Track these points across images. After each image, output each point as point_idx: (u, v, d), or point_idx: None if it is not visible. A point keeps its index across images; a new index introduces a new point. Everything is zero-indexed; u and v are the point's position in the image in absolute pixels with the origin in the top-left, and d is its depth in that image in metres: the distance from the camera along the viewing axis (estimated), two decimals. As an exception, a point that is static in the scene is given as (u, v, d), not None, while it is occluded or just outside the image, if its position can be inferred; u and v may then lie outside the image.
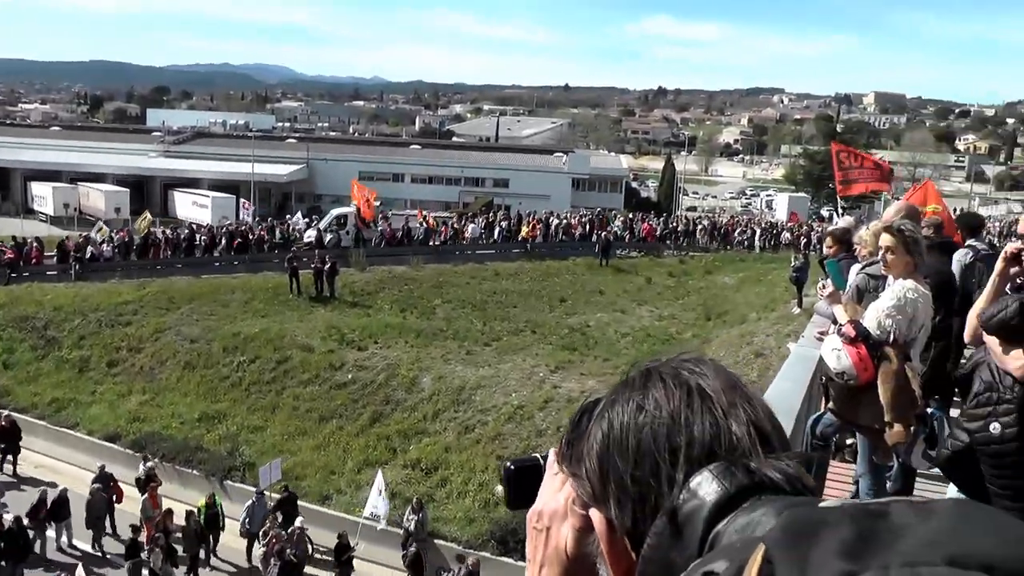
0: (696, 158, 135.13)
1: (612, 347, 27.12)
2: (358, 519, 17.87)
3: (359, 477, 20.14)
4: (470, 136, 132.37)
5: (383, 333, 26.99)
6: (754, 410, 0.89)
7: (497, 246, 41.04)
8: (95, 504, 18.02)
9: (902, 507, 0.67)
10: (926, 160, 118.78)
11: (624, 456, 0.87)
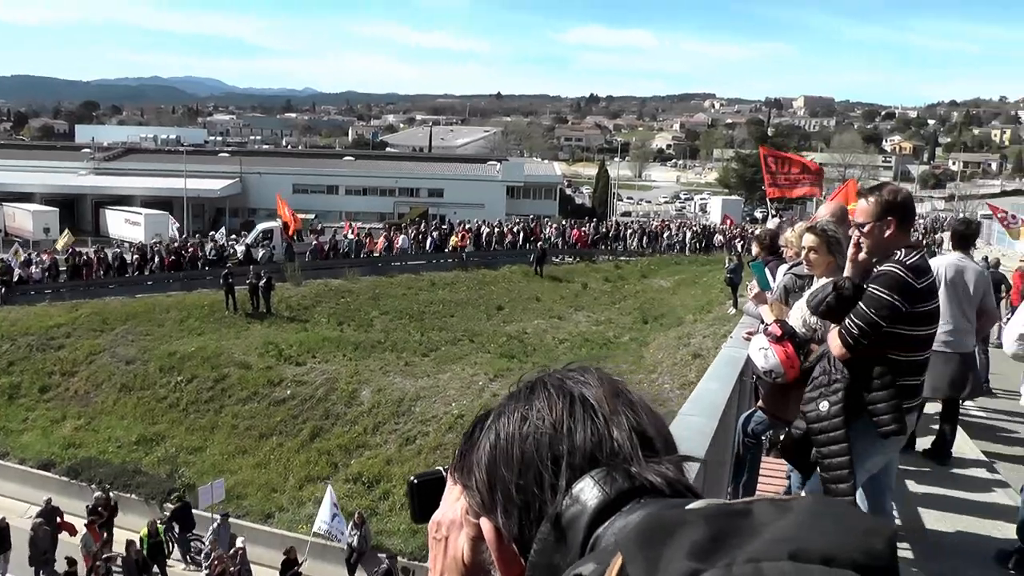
0: (629, 164, 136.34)
1: (550, 353, 27.23)
2: (306, 536, 17.66)
3: (301, 494, 19.94)
4: (404, 146, 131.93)
5: (321, 347, 26.73)
6: (637, 416, 0.91)
7: (434, 256, 40.87)
8: (39, 540, 17.01)
9: (764, 505, 0.69)
10: (855, 161, 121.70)
11: (509, 466, 0.89)
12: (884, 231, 3.72)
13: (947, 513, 6.32)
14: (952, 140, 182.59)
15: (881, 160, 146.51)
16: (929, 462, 7.57)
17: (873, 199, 3.80)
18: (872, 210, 3.77)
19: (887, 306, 3.60)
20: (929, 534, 5.92)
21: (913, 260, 3.68)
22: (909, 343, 3.74)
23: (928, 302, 3.72)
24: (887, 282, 3.62)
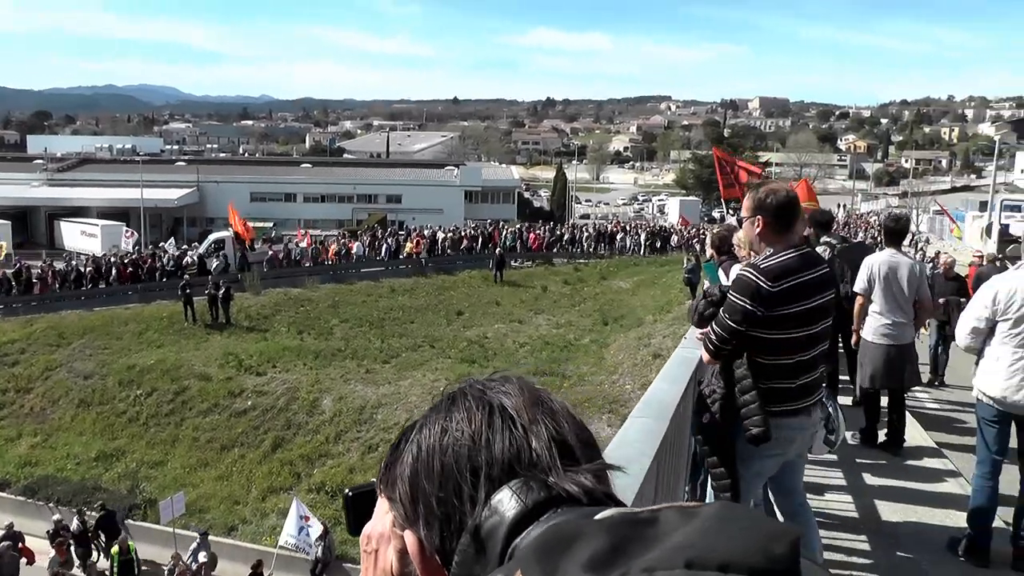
0: (587, 166, 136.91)
1: (511, 357, 27.24)
2: (271, 548, 17.46)
3: (264, 505, 19.70)
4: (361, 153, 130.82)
5: (281, 357, 26.47)
6: (557, 425, 0.91)
7: (393, 263, 40.64)
8: (4, 565, 16.60)
9: (671, 513, 0.70)
10: (811, 160, 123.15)
11: (430, 479, 0.89)
12: (754, 228, 3.73)
13: (901, 504, 6.42)
14: (904, 138, 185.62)
15: (836, 159, 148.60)
16: (884, 454, 7.75)
17: (748, 196, 3.83)
18: (746, 205, 3.81)
19: (740, 311, 3.58)
20: (884, 525, 6.01)
21: (771, 263, 3.61)
22: (772, 347, 3.68)
23: (789, 305, 3.61)
24: (739, 287, 3.60)
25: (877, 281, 7.53)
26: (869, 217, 69.21)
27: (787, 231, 3.72)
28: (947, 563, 5.35)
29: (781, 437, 3.82)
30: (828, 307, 3.77)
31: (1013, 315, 5.03)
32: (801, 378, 3.76)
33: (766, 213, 3.70)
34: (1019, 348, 5.03)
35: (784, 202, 3.72)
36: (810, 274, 3.65)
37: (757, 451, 3.79)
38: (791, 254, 3.65)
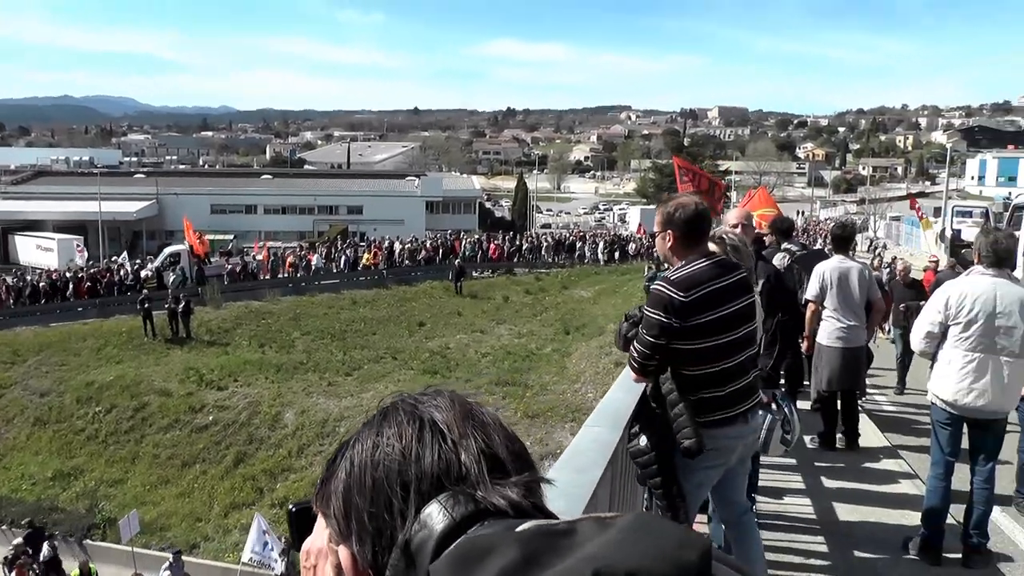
0: (548, 176, 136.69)
1: (473, 367, 27.14)
2: (234, 565, 17.17)
3: (226, 522, 19.40)
4: (322, 163, 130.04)
5: (243, 371, 26.14)
6: (487, 438, 0.91)
7: (354, 274, 40.36)
8: None
9: (588, 523, 0.72)
10: (770, 168, 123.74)
11: (362, 494, 0.89)
12: (665, 243, 3.75)
13: (858, 505, 6.51)
14: (861, 146, 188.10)
15: (795, 167, 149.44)
16: (842, 457, 7.89)
17: (660, 211, 3.84)
18: (657, 220, 3.83)
19: (656, 325, 3.57)
20: (841, 526, 6.08)
21: (681, 274, 3.61)
22: (695, 357, 3.65)
23: (704, 314, 3.58)
24: (653, 301, 3.60)
25: (829, 287, 7.70)
26: (828, 224, 70.27)
27: (697, 243, 3.73)
28: (902, 563, 5.44)
29: (720, 447, 3.80)
30: (748, 312, 3.75)
31: (963, 319, 5.12)
32: (730, 385, 3.72)
33: (676, 227, 3.71)
34: (969, 351, 5.12)
35: (693, 216, 3.73)
36: (724, 281, 3.64)
37: (697, 463, 3.77)
38: (703, 263, 3.65)
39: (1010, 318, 5.03)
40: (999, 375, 5.07)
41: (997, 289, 5.11)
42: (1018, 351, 5.06)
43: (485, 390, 24.20)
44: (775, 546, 5.53)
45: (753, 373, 3.90)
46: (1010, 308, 5.05)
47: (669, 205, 3.83)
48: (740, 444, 3.93)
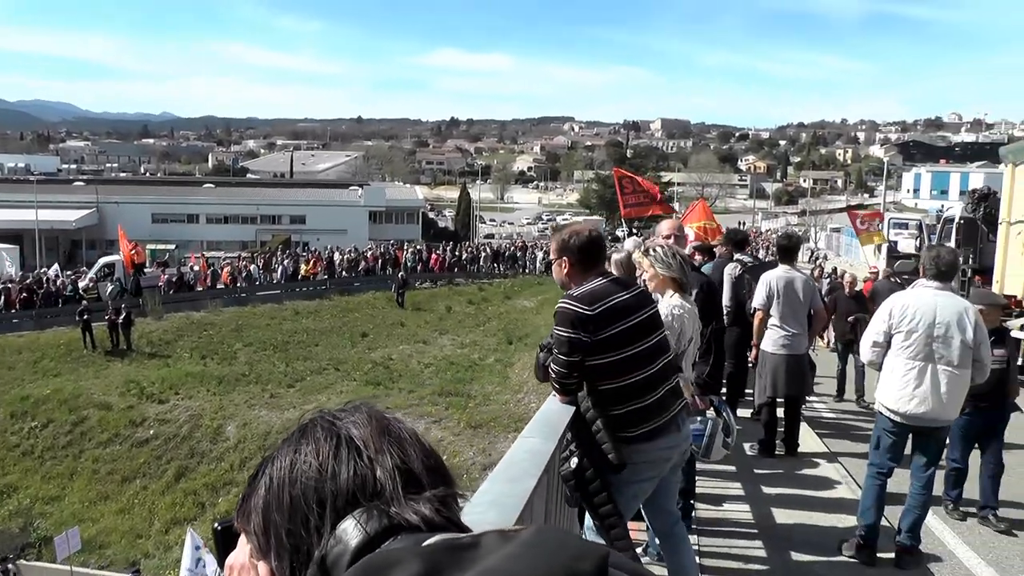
0: (491, 186, 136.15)
1: (416, 378, 27.02)
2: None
3: (167, 538, 18.97)
4: (265, 172, 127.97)
5: (184, 383, 25.63)
6: (403, 454, 0.92)
7: (297, 285, 39.82)
8: None
9: (492, 537, 0.73)
10: (712, 180, 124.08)
11: (280, 510, 0.90)
12: (562, 270, 3.81)
13: (796, 510, 6.61)
14: (802, 159, 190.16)
15: (737, 179, 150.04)
16: (781, 463, 7.99)
17: (555, 240, 3.91)
18: (552, 248, 3.91)
19: (566, 342, 3.59)
20: (779, 530, 6.17)
21: (583, 290, 3.64)
22: (611, 371, 3.65)
23: (611, 326, 3.61)
24: (560, 319, 3.62)
25: (776, 296, 7.83)
26: (770, 235, 71.51)
27: (593, 267, 3.78)
28: (839, 565, 5.55)
29: (654, 459, 3.82)
30: (651, 324, 3.78)
31: (905, 328, 5.34)
32: (648, 396, 3.72)
33: (571, 253, 3.77)
34: (911, 360, 5.32)
35: (586, 242, 3.80)
36: (624, 295, 3.69)
37: (632, 476, 3.78)
38: (600, 280, 3.70)
39: (949, 329, 5.25)
40: (938, 384, 5.26)
41: (938, 301, 5.34)
42: (956, 361, 5.26)
43: (428, 400, 24.12)
44: (714, 552, 5.59)
45: (673, 381, 3.91)
46: (949, 320, 5.27)
47: (563, 233, 3.90)
48: (675, 454, 3.94)
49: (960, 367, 5.28)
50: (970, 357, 5.30)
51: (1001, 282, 14.33)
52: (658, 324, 3.87)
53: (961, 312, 5.33)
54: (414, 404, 23.66)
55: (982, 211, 17.08)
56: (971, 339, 5.26)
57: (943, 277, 5.45)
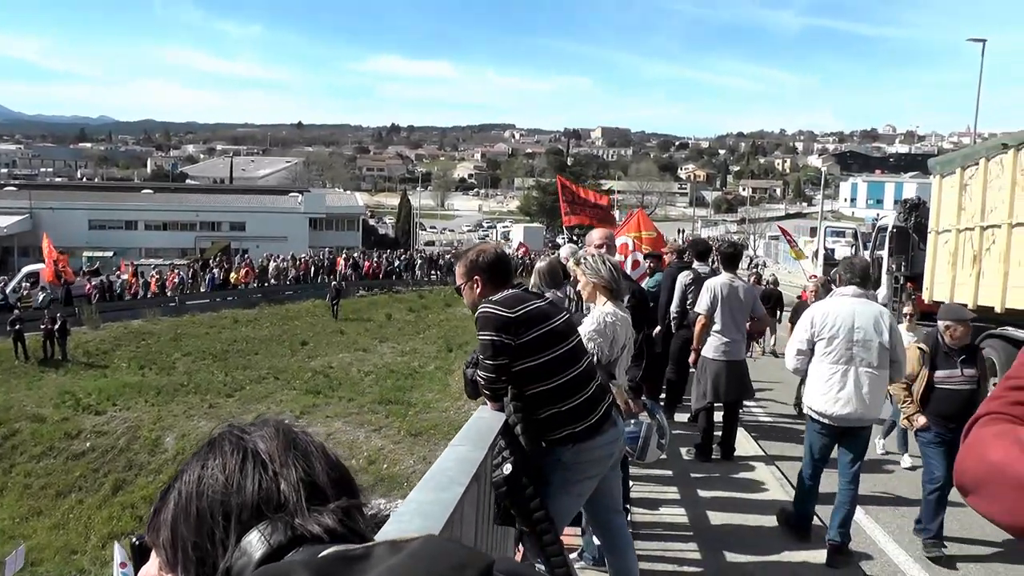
0: (432, 193, 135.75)
1: (356, 387, 26.66)
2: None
3: (104, 553, 18.25)
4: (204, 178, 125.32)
5: (121, 394, 24.86)
6: (308, 466, 0.93)
7: (237, 293, 39.01)
8: None
9: (383, 548, 0.75)
10: (652, 188, 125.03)
11: (187, 524, 0.89)
12: (475, 289, 3.77)
13: (731, 512, 6.67)
14: (741, 168, 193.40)
15: (677, 187, 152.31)
16: (717, 467, 8.05)
17: (461, 263, 3.88)
18: (461, 272, 3.86)
19: (490, 346, 3.55)
20: (714, 532, 6.22)
21: (502, 296, 3.64)
22: (533, 375, 3.63)
23: (533, 329, 3.59)
24: (483, 323, 3.59)
25: (720, 303, 7.90)
26: (710, 243, 72.21)
27: (504, 283, 3.77)
28: (772, 565, 5.62)
29: (596, 457, 3.82)
30: (567, 329, 3.77)
31: (827, 335, 5.65)
32: (581, 394, 3.72)
33: (481, 271, 3.77)
34: (833, 364, 5.61)
35: (495, 258, 3.83)
36: (539, 302, 3.71)
37: (577, 474, 3.79)
38: (514, 291, 3.71)
39: (867, 333, 5.58)
40: (860, 385, 5.55)
41: (856, 308, 5.66)
42: (876, 363, 5.58)
43: (368, 409, 23.83)
44: (650, 555, 5.60)
45: (597, 380, 3.90)
46: (866, 324, 5.60)
47: (470, 254, 3.89)
48: (615, 449, 3.96)
49: (880, 368, 5.59)
50: (888, 358, 5.61)
51: (930, 289, 14.64)
52: (572, 330, 3.87)
53: (877, 316, 5.66)
54: (354, 413, 23.37)
55: (913, 220, 17.18)
56: (888, 341, 5.58)
57: (860, 284, 5.81)
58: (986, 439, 1.39)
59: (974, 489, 1.39)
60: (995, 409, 1.45)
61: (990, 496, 1.34)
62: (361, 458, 20.64)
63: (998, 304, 11.83)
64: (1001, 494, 1.31)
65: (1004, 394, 1.48)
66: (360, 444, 21.47)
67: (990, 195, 12.35)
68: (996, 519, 1.34)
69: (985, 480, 1.36)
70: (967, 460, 1.42)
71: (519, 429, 3.65)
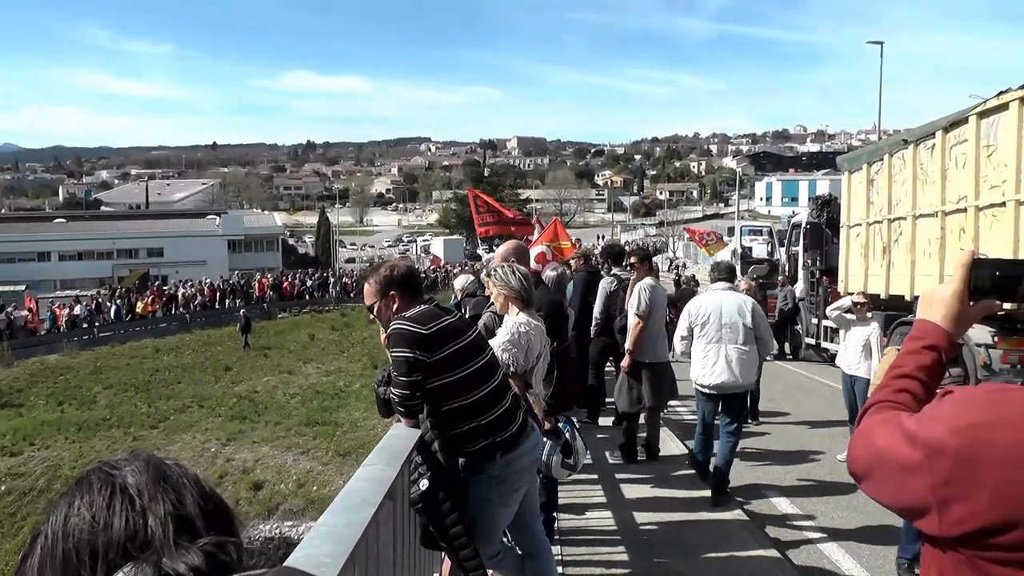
0: (350, 209, 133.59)
1: (282, 410, 26.09)
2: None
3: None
4: (119, 204, 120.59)
5: (39, 432, 23.76)
6: (178, 500, 0.89)
7: (158, 322, 37.70)
8: None
9: None
10: (570, 196, 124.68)
11: (54, 567, 0.86)
12: (391, 305, 3.72)
13: (657, 512, 6.73)
14: (657, 172, 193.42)
15: (595, 193, 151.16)
16: (642, 468, 8.11)
17: (372, 280, 3.80)
18: (374, 290, 3.78)
19: (404, 362, 3.49)
20: (641, 533, 6.28)
21: (414, 312, 3.59)
22: (449, 391, 3.58)
23: (447, 345, 3.55)
24: (396, 340, 3.52)
25: (655, 305, 8.00)
26: (625, 247, 72.56)
27: (417, 297, 3.75)
28: (700, 563, 5.68)
29: (521, 468, 3.81)
30: (479, 343, 3.77)
31: (700, 322, 7.08)
32: (499, 406, 3.71)
33: (397, 286, 3.73)
34: (707, 344, 7.01)
35: (408, 271, 3.81)
36: (449, 318, 3.68)
37: (509, 487, 3.77)
38: (426, 307, 3.67)
39: (733, 318, 6.99)
40: (730, 360, 6.90)
41: (723, 299, 7.12)
42: (742, 341, 6.94)
43: (295, 431, 23.37)
44: (577, 560, 5.58)
45: (511, 392, 3.89)
46: (732, 311, 7.02)
47: (382, 269, 3.83)
48: (536, 455, 3.97)
49: (746, 344, 6.96)
50: (752, 336, 6.98)
51: (845, 281, 15.00)
52: (484, 346, 3.86)
53: (741, 304, 7.07)
54: (281, 436, 22.89)
55: (825, 216, 17.36)
56: (751, 323, 6.96)
57: (726, 280, 7.34)
58: (873, 427, 1.45)
59: (865, 476, 1.45)
60: (882, 398, 1.52)
61: (877, 481, 1.42)
62: (290, 482, 20.25)
63: (907, 292, 12.29)
64: (886, 478, 1.38)
65: (889, 383, 1.55)
66: (289, 468, 21.04)
67: (895, 189, 12.82)
68: (884, 502, 1.42)
69: (873, 466, 1.43)
70: (856, 448, 1.49)
71: (436, 445, 3.61)
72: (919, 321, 1.61)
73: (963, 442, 1.25)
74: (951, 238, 10.83)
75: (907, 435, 1.34)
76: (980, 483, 1.23)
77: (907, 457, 1.32)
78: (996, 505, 1.21)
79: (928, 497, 1.29)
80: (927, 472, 1.28)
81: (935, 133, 11.27)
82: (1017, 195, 9.33)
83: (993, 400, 1.29)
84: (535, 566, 4.13)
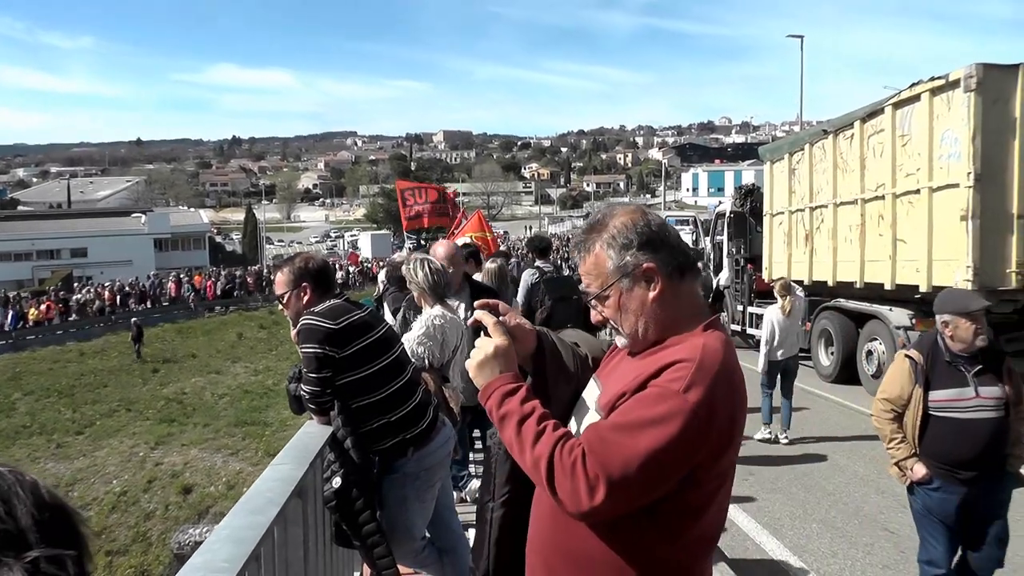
0: (277, 206, 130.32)
1: (211, 411, 25.44)
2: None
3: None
4: (39, 203, 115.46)
5: (-47, 443, 22.69)
6: (7, 511, 0.83)
7: (29, 332, 35.14)
8: None
9: None
10: (497, 189, 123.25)
11: None
12: (302, 297, 3.61)
13: None
14: (584, 164, 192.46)
15: (522, 186, 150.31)
16: None
17: (286, 270, 3.69)
18: (286, 280, 3.67)
19: (314, 358, 3.38)
20: None
21: (323, 308, 3.49)
22: (365, 386, 3.51)
23: (356, 340, 3.47)
24: (305, 336, 3.42)
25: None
26: (551, 240, 72.60)
27: (330, 291, 3.66)
28: None
29: (436, 463, 3.77)
30: (390, 339, 3.70)
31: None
32: (410, 402, 3.65)
33: (311, 278, 3.62)
34: None
35: (322, 264, 3.73)
36: (360, 313, 3.61)
37: (424, 484, 3.72)
38: (335, 301, 3.58)
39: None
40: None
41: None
42: None
43: (224, 433, 22.83)
44: None
45: (421, 389, 3.84)
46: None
47: (297, 260, 3.71)
48: (449, 448, 3.91)
49: None
50: None
51: (769, 268, 15.24)
52: (394, 340, 3.78)
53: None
54: (210, 438, 22.32)
55: (749, 205, 17.35)
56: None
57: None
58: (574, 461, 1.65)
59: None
60: (559, 437, 1.69)
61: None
62: (220, 484, 19.76)
63: (830, 278, 12.57)
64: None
65: (551, 435, 1.71)
66: (219, 470, 20.53)
67: (816, 177, 13.09)
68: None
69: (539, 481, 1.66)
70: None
71: (349, 443, 3.50)
72: (493, 393, 1.77)
73: None
74: (871, 224, 11.14)
75: None
76: None
77: None
78: None
79: None
80: None
81: (854, 123, 11.55)
82: (930, 182, 9.64)
83: None
84: (453, 561, 4.07)
